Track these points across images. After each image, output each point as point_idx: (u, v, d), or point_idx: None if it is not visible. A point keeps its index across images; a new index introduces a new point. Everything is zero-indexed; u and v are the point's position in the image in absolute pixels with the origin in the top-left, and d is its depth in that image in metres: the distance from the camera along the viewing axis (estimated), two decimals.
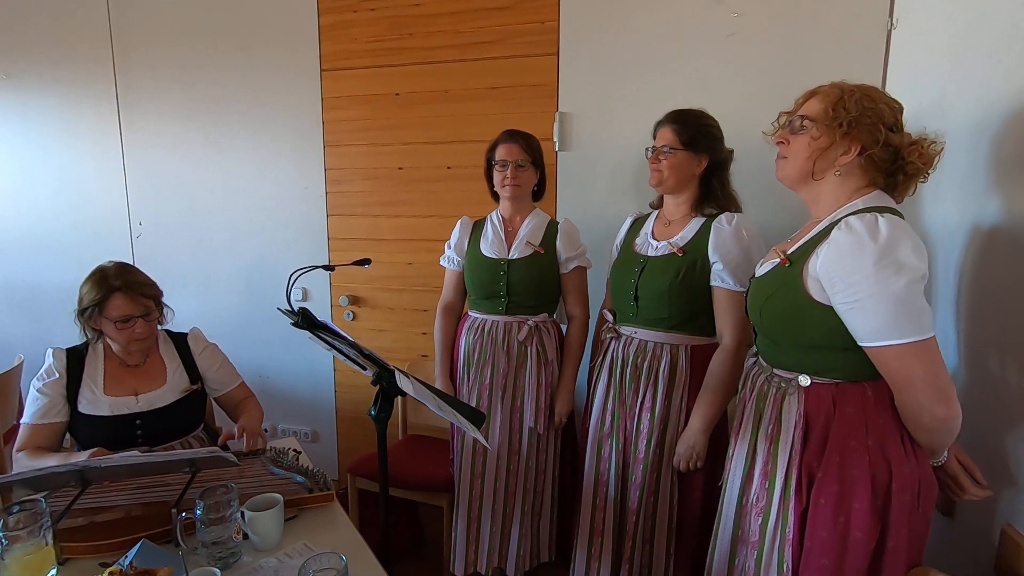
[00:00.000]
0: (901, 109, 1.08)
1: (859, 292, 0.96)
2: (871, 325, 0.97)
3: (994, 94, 1.23)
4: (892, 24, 1.76)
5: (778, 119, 1.18)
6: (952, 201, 1.37)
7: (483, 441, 1.27)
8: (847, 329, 1.01)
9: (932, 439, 1.03)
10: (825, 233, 1.04)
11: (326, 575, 0.94)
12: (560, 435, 1.87)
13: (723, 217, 1.49)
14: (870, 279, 0.94)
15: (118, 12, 2.56)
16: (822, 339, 1.05)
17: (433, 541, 2.24)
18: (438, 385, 1.89)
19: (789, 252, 1.10)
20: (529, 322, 1.79)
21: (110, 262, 1.60)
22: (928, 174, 1.07)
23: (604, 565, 1.61)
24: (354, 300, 2.49)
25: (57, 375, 1.53)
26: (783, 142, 1.13)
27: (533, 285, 1.79)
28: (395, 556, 2.04)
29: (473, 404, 1.79)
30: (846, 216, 1.01)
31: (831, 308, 1.02)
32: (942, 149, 1.06)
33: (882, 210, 1.00)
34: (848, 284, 0.97)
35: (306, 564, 0.93)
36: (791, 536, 1.08)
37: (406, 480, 1.97)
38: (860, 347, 1.01)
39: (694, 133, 1.51)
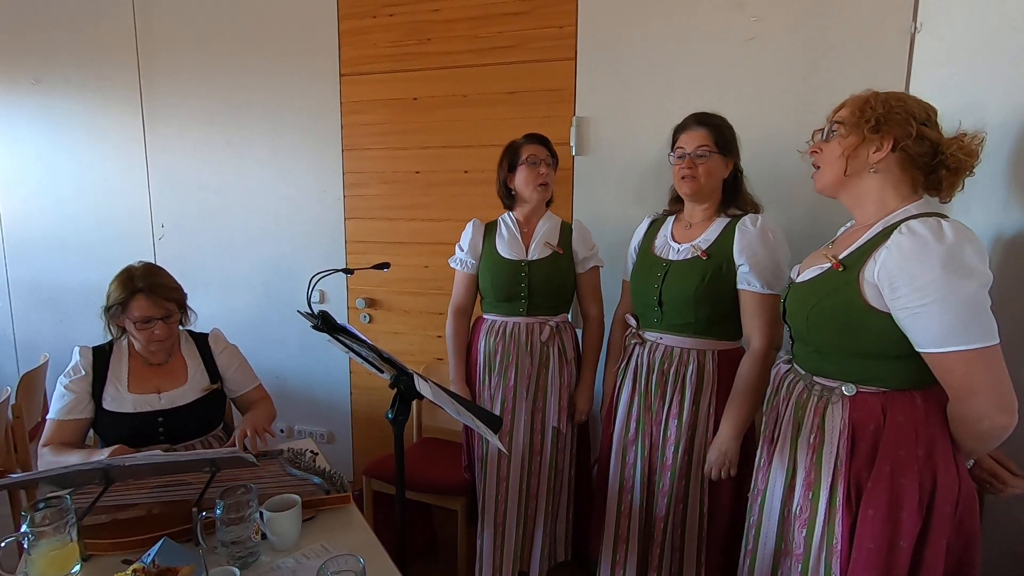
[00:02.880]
0: (935, 111, 1.06)
1: (926, 296, 0.93)
2: (937, 330, 0.94)
3: (1021, 99, 1.20)
4: (916, 28, 1.73)
5: (812, 137, 1.18)
6: (980, 209, 1.34)
7: (501, 447, 1.27)
8: (902, 336, 0.99)
9: (982, 446, 1.00)
10: (882, 238, 1.01)
11: None
12: (577, 434, 1.87)
13: (747, 218, 1.46)
14: (939, 283, 0.92)
15: (143, 19, 2.61)
16: (875, 346, 1.03)
17: (447, 544, 2.25)
18: (454, 389, 1.89)
19: (841, 257, 1.08)
20: (551, 323, 1.79)
21: (139, 262, 1.63)
22: (974, 168, 1.04)
23: (629, 572, 1.59)
24: (371, 303, 2.51)
25: (83, 372, 1.57)
26: (817, 152, 1.13)
27: (553, 286, 1.79)
28: (409, 559, 2.05)
29: (497, 407, 1.79)
30: (904, 220, 0.99)
31: (888, 315, 1.00)
32: (983, 140, 1.03)
33: (941, 216, 0.98)
34: (914, 288, 0.94)
35: (324, 566, 0.94)
36: (838, 547, 1.05)
37: (421, 483, 1.98)
38: (912, 355, 0.99)
39: (726, 136, 1.49)
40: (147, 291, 1.54)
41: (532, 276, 1.78)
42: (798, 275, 1.19)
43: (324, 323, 1.14)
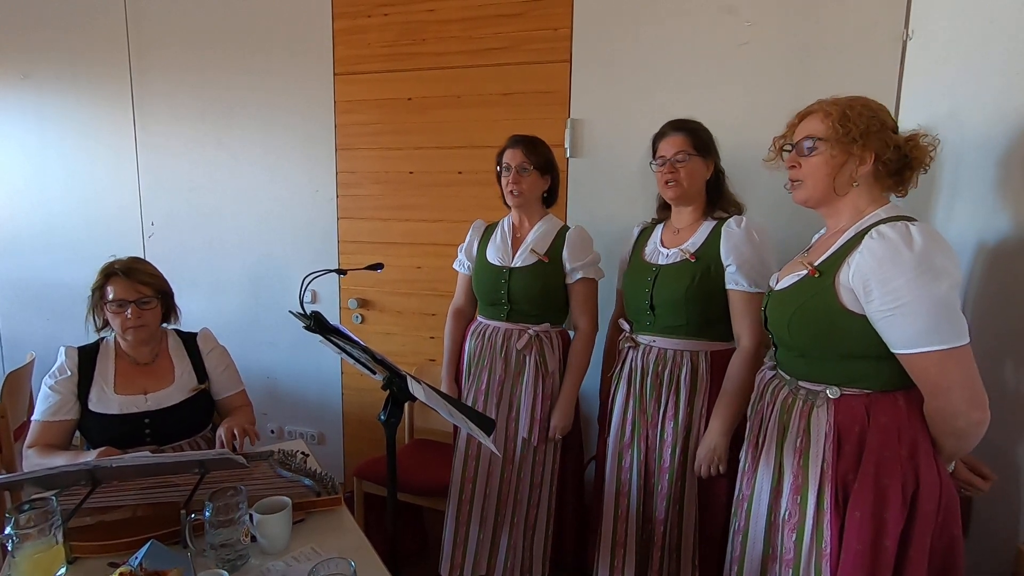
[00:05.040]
0: (888, 110, 1.10)
1: (899, 298, 0.95)
2: (911, 331, 0.96)
3: (1012, 105, 1.22)
4: (908, 35, 1.75)
5: (773, 145, 1.19)
6: (967, 214, 1.35)
7: (493, 449, 1.27)
8: (881, 338, 1.01)
9: (960, 444, 1.02)
10: (854, 243, 1.04)
11: None
12: (559, 448, 1.81)
13: (732, 220, 1.49)
14: (911, 285, 0.94)
15: (135, 15, 2.59)
16: (856, 348, 1.05)
17: (438, 547, 2.23)
18: (443, 387, 1.88)
19: (817, 263, 1.10)
20: (530, 331, 1.76)
21: (127, 256, 1.63)
22: (928, 165, 1.09)
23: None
24: (363, 303, 2.50)
25: (69, 373, 1.54)
26: (795, 166, 1.14)
27: (535, 294, 1.75)
28: (400, 561, 2.03)
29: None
30: (874, 225, 1.02)
31: (864, 317, 1.02)
32: (936, 141, 1.08)
33: (908, 219, 1.01)
34: (887, 291, 0.97)
35: (315, 569, 0.93)
36: (828, 550, 1.06)
37: (412, 485, 1.97)
38: (893, 356, 1.00)
39: (704, 138, 1.53)
40: (123, 273, 1.55)
41: (512, 284, 1.75)
42: (777, 283, 1.21)
43: (316, 324, 1.13)
